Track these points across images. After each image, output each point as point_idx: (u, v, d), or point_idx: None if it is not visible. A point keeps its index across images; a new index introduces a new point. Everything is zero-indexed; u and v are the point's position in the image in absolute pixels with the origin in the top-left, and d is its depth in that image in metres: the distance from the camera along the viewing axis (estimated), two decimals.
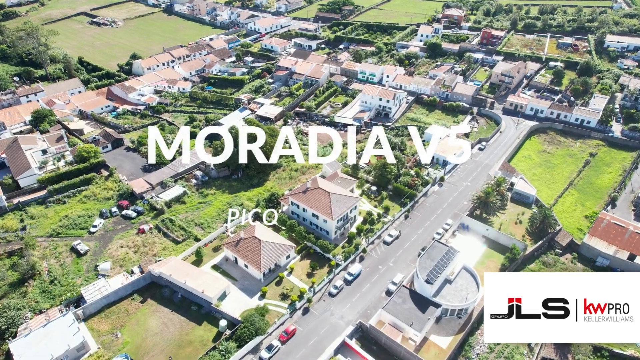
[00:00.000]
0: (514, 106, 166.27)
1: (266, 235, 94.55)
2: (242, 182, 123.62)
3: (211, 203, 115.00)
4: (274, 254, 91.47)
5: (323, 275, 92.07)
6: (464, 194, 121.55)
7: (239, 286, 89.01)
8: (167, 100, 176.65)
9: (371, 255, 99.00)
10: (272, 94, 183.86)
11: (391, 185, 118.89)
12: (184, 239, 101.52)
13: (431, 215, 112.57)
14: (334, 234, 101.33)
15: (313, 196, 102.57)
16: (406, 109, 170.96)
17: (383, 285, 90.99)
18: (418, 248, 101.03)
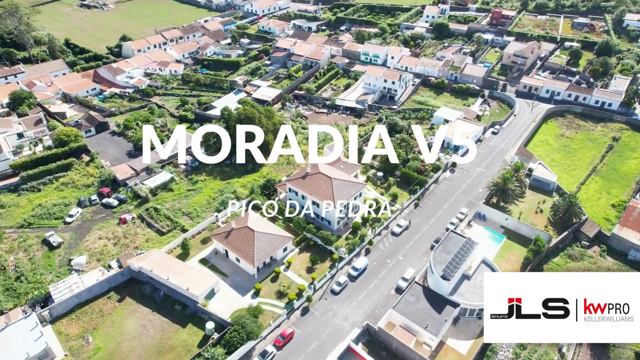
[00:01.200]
0: (528, 88, 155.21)
1: (260, 226, 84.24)
2: (236, 167, 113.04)
3: (201, 190, 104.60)
4: (269, 246, 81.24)
5: (324, 271, 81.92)
6: (479, 180, 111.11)
7: (230, 283, 78.87)
8: (158, 83, 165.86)
9: (378, 247, 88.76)
10: (270, 76, 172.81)
11: (399, 170, 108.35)
12: (170, 230, 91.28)
13: (443, 204, 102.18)
14: (337, 224, 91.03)
15: (313, 182, 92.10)
16: (412, 91, 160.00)
17: (392, 281, 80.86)
18: (430, 240, 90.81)
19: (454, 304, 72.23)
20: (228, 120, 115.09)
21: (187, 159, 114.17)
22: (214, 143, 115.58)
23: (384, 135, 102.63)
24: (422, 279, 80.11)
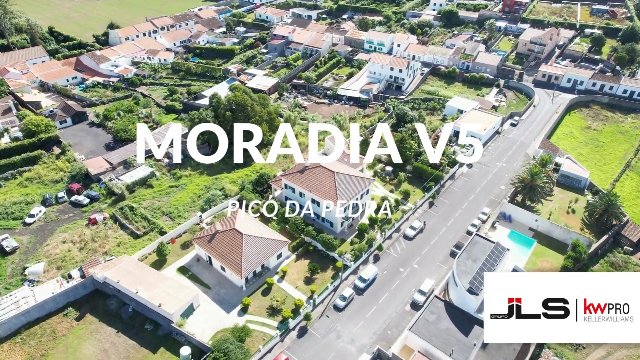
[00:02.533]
0: (548, 77, 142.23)
1: (250, 228, 71.41)
2: (225, 161, 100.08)
3: (185, 187, 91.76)
4: (260, 252, 68.42)
5: (326, 282, 69.09)
6: (500, 176, 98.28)
7: (213, 296, 66.01)
8: (145, 72, 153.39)
9: (389, 253, 75.92)
10: (266, 65, 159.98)
11: (410, 165, 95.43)
12: (146, 232, 78.51)
13: (462, 202, 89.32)
14: (340, 226, 78.19)
15: (313, 177, 79.27)
16: (421, 81, 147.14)
17: (407, 294, 68.02)
18: (449, 244, 77.97)
19: None
20: (217, 108, 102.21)
21: (171, 152, 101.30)
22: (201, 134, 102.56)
23: (386, 134, 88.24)
24: (442, 292, 67.26)
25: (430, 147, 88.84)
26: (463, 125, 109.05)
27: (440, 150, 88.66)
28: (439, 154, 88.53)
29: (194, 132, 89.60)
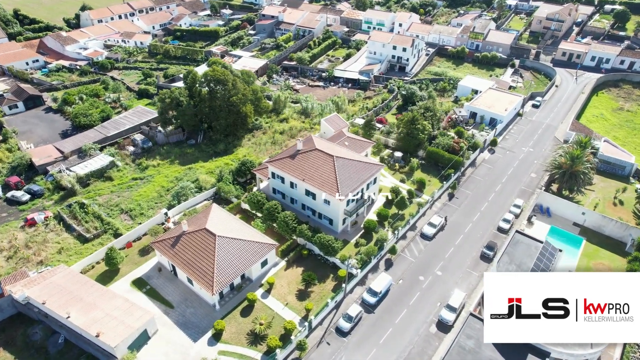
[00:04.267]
0: (568, 55, 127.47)
1: (227, 227, 55.29)
2: (202, 149, 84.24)
3: (151, 179, 75.47)
4: (240, 258, 52.31)
5: (326, 296, 53.11)
6: (528, 162, 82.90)
7: (176, 319, 49.81)
8: (119, 55, 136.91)
9: (404, 257, 60.05)
10: (254, 46, 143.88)
11: (423, 150, 79.75)
12: (97, 235, 62.17)
13: (487, 194, 73.75)
14: (342, 224, 62.26)
15: (307, 163, 63.28)
16: (427, 61, 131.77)
17: (431, 311, 52.18)
18: (478, 245, 62.36)
19: (541, 351, 43.60)
20: (192, 85, 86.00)
21: (137, 139, 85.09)
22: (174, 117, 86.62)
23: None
24: (477, 307, 51.50)
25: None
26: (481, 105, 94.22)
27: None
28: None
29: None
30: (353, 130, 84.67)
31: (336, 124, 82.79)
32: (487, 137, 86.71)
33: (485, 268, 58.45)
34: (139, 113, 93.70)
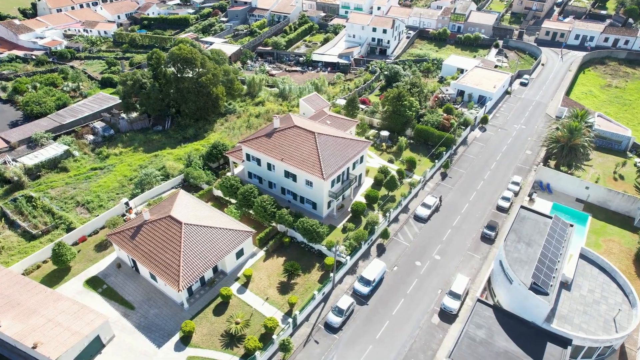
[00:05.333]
0: (552, 35, 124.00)
1: (195, 214, 48.06)
2: (170, 135, 76.51)
3: (112, 168, 67.41)
4: (211, 248, 45.15)
5: (312, 288, 46.42)
6: (522, 140, 78.01)
7: (137, 321, 42.34)
8: (80, 45, 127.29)
9: (398, 241, 53.81)
10: (227, 33, 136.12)
11: (411, 128, 73.84)
12: (47, 231, 54.03)
13: (482, 172, 68.31)
14: (327, 208, 55.66)
15: (286, 141, 56.45)
16: (408, 44, 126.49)
17: (432, 299, 46.04)
18: (478, 225, 56.69)
19: (562, 339, 37.90)
20: (157, 66, 78.10)
21: (97, 127, 76.74)
22: (138, 102, 78.66)
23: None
24: (483, 292, 45.66)
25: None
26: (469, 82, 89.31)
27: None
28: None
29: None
30: (335, 110, 78.26)
31: (316, 104, 76.27)
32: (477, 115, 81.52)
33: (488, 250, 52.74)
34: (100, 100, 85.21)
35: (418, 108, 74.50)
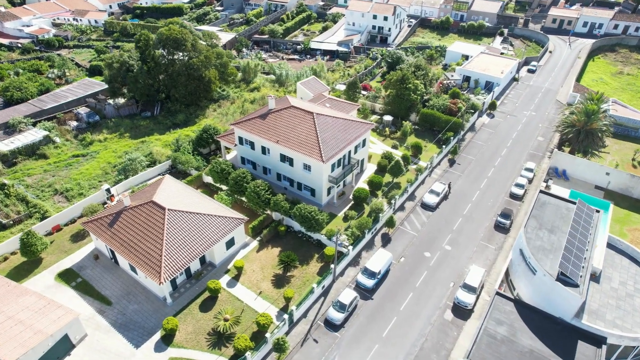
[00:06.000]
0: (559, 22, 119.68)
1: (181, 200, 43.34)
2: (159, 121, 71.75)
3: (96, 155, 62.64)
4: (197, 237, 40.44)
5: (310, 281, 41.75)
6: (532, 126, 73.50)
7: (114, 318, 37.63)
8: (69, 33, 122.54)
9: (404, 230, 49.17)
10: (222, 22, 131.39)
11: (416, 113, 69.22)
12: (18, 220, 49.25)
13: (492, 158, 63.75)
14: (326, 195, 51.01)
15: (282, 122, 51.79)
16: (409, 32, 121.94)
17: (444, 293, 41.41)
18: (490, 213, 52.11)
19: (595, 337, 33.32)
20: (145, 48, 73.30)
21: (81, 113, 71.94)
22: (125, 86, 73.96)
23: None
24: (501, 285, 41.03)
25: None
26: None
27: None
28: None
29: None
30: (336, 94, 73.63)
31: (315, 88, 71.63)
32: (485, 100, 76.98)
33: (503, 239, 48.15)
34: (85, 85, 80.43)
35: (423, 92, 69.85)
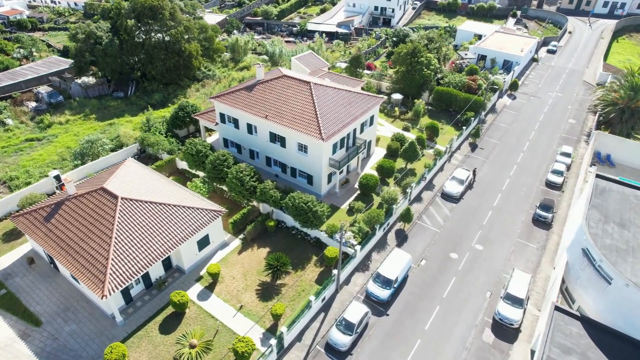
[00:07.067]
0: (576, 3, 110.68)
1: (141, 187, 33.79)
2: (133, 102, 62.16)
3: (54, 139, 53.06)
4: (159, 234, 30.86)
5: (306, 291, 32.29)
6: (561, 108, 64.26)
7: (41, 345, 28.12)
8: (44, 15, 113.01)
9: (423, 226, 39.71)
10: (212, 5, 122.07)
11: (429, 91, 59.82)
12: None
13: (520, 143, 54.44)
14: (327, 183, 41.51)
15: (272, 94, 42.29)
16: (414, 15, 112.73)
17: (478, 305, 32.02)
18: (526, 204, 42.75)
19: None
20: (117, 19, 63.74)
21: (42, 92, 62.26)
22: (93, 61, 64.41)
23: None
24: (557, 297, 31.55)
25: None
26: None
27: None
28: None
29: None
30: (337, 71, 64.16)
31: (312, 64, 62.17)
32: (506, 79, 67.72)
33: (545, 236, 38.81)
34: (50, 63, 70.84)
35: (437, 67, 60.40)
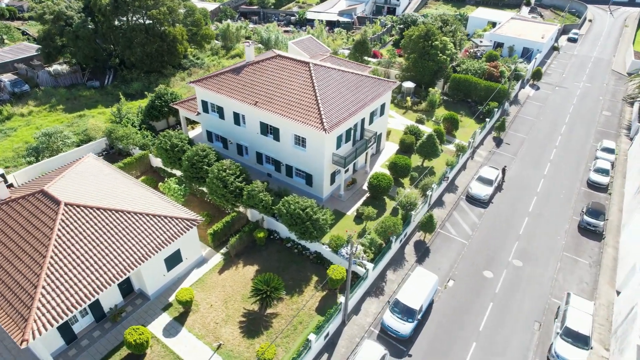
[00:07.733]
0: None
1: (96, 190, 26.53)
2: (109, 91, 54.94)
3: (11, 133, 45.84)
4: (115, 251, 23.61)
5: (304, 324, 24.97)
6: (592, 99, 57.27)
7: None
8: (25, 4, 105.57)
9: (448, 236, 32.53)
10: None
11: (444, 78, 52.64)
12: None
13: (551, 137, 47.32)
14: (330, 184, 34.27)
15: (263, 78, 35.10)
16: (420, 4, 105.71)
17: (524, 342, 24.76)
18: (565, 210, 35.69)
19: None
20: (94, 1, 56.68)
21: (4, 80, 55.04)
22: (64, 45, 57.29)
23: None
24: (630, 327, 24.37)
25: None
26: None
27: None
28: None
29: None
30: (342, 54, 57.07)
31: (311, 50, 54.99)
32: (528, 67, 60.66)
33: (598, 249, 31.69)
34: (19, 50, 63.68)
35: (453, 52, 53.21)
